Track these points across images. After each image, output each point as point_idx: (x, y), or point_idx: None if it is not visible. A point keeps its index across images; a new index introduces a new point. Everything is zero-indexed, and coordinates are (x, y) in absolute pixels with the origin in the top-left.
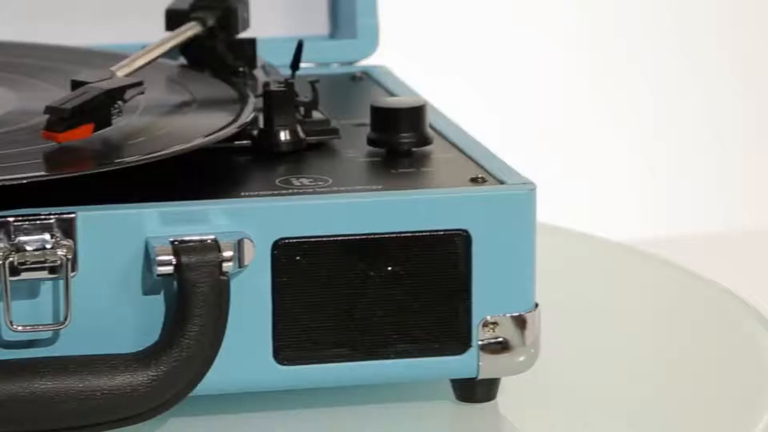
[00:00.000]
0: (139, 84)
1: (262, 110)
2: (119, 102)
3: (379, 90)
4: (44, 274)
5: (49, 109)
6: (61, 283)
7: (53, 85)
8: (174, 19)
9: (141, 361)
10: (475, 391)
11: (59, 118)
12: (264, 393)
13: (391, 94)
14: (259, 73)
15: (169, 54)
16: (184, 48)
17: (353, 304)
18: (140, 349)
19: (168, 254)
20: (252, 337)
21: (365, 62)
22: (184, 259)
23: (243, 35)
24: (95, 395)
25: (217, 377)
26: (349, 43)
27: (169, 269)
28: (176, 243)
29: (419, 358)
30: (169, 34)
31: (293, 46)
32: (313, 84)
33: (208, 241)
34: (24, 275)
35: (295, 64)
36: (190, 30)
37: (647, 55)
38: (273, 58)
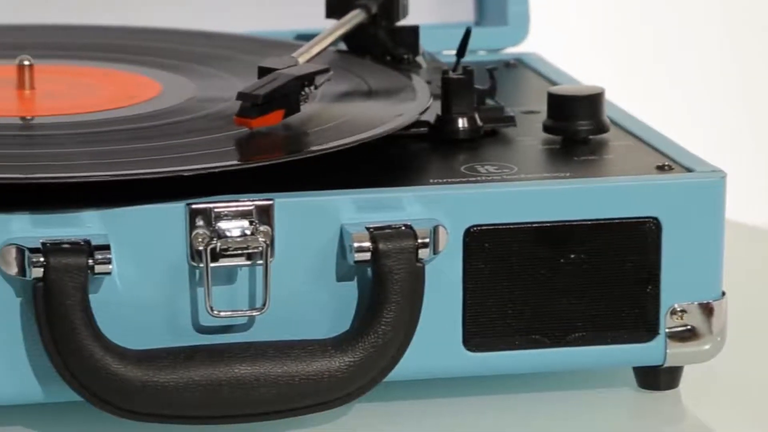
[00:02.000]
0: (327, 70)
1: (440, 97)
2: (307, 88)
3: (537, 77)
4: (242, 260)
5: (241, 96)
6: (258, 269)
7: (225, 72)
8: (335, 6)
9: (338, 347)
10: (658, 378)
11: (252, 105)
12: (446, 379)
13: (551, 82)
14: (420, 60)
15: None
16: (345, 34)
17: (542, 292)
18: (332, 335)
19: (365, 241)
20: (443, 325)
21: (512, 50)
22: (382, 245)
23: (402, 23)
24: (293, 380)
25: (407, 364)
26: (499, 30)
27: (366, 256)
28: (372, 230)
29: (606, 346)
30: (337, 21)
31: (438, 33)
32: (491, 72)
33: (403, 228)
34: (222, 261)
35: (461, 51)
36: (356, 17)
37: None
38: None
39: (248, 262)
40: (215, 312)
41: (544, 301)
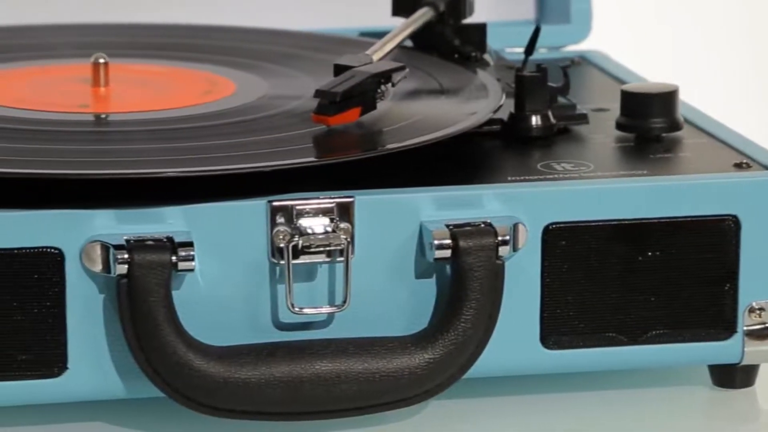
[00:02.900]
0: (403, 68)
1: (513, 95)
2: (384, 86)
3: (603, 75)
4: (322, 257)
5: (319, 93)
6: (337, 266)
7: (296, 70)
8: (401, 4)
9: (417, 344)
10: (734, 376)
11: (330, 102)
12: (523, 376)
13: (617, 80)
14: (487, 57)
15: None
16: (414, 32)
17: (620, 289)
18: (409, 332)
19: (446, 238)
20: (520, 322)
21: (573, 47)
22: (462, 243)
23: (468, 20)
24: (374, 377)
25: (485, 361)
26: (561, 28)
27: (446, 253)
28: (452, 227)
29: (683, 344)
30: (406, 19)
31: (499, 31)
32: (564, 69)
33: (482, 225)
34: (303, 258)
35: (530, 49)
36: (424, 15)
37: None
38: None
39: (328, 259)
40: (296, 309)
41: (621, 298)
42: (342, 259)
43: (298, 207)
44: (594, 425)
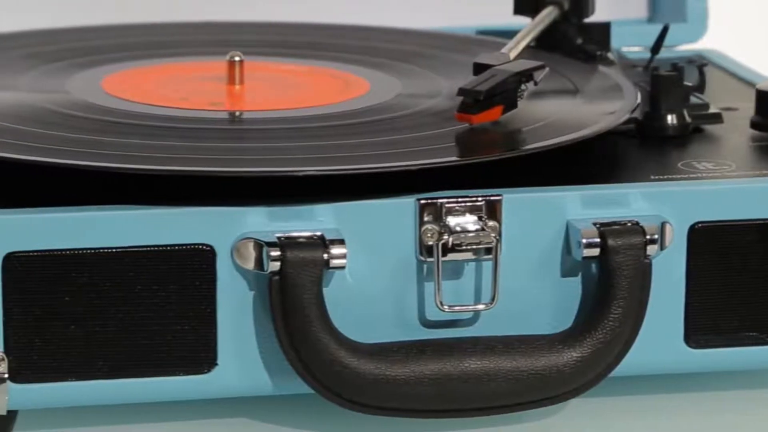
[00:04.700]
0: (543, 66)
1: (648, 94)
2: (524, 84)
3: (723, 74)
4: (469, 255)
5: (463, 92)
6: (483, 264)
7: (424, 68)
8: (524, 3)
9: (565, 343)
10: None
11: (474, 101)
12: (667, 375)
13: (741, 79)
14: (611, 56)
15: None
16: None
17: (764, 289)
18: (552, 331)
19: (594, 237)
20: (665, 321)
21: (689, 46)
22: (611, 242)
23: (589, 19)
24: (522, 375)
25: (630, 360)
26: (677, 26)
27: (595, 252)
28: (600, 226)
29: None
30: (533, 19)
31: (612, 30)
32: (700, 68)
33: (630, 224)
34: (451, 256)
35: (656, 48)
36: (551, 14)
37: None
38: None
39: (474, 257)
40: (445, 307)
41: (765, 298)
42: (490, 257)
43: (447, 205)
44: (734, 425)
